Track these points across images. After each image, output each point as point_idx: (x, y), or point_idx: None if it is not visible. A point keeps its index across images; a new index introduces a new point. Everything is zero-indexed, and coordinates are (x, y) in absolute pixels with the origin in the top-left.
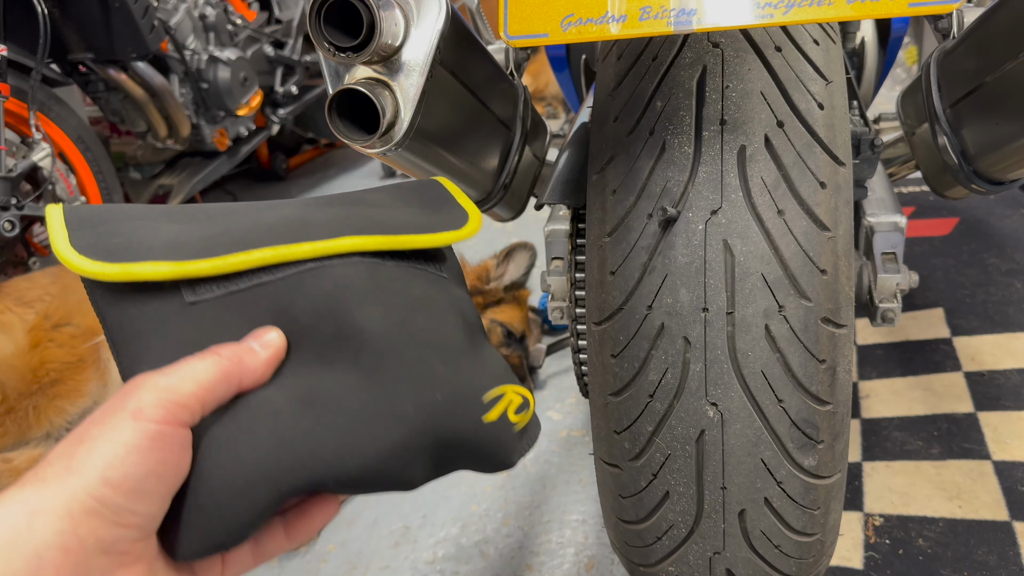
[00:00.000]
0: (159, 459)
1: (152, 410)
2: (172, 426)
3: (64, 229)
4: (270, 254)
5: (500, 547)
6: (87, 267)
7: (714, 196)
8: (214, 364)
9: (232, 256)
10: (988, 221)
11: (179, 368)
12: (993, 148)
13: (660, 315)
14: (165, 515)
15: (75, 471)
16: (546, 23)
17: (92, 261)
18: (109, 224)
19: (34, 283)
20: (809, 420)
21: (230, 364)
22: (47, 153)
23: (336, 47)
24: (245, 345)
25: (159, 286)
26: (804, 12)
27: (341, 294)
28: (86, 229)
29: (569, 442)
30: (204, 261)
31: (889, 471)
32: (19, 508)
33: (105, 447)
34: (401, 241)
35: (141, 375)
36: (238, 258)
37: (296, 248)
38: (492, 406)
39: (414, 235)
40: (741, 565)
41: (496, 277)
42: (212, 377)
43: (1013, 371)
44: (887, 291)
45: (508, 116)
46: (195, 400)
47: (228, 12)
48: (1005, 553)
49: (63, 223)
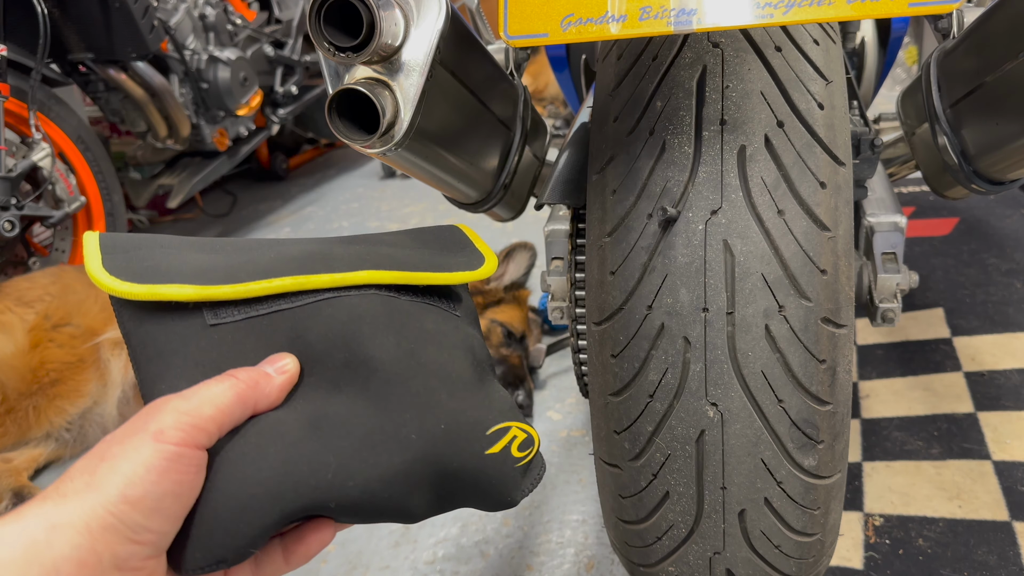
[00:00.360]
0: (177, 479)
1: (172, 432)
2: (191, 448)
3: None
4: (290, 282)
5: (500, 547)
6: (116, 286)
7: (714, 196)
8: (231, 388)
9: (254, 283)
10: (988, 221)
11: (198, 391)
12: (993, 148)
13: (660, 315)
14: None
15: (96, 487)
16: (546, 23)
17: (121, 281)
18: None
19: (34, 283)
20: (809, 420)
21: (246, 388)
22: (47, 153)
23: (336, 47)
24: (261, 370)
25: (182, 307)
26: (804, 12)
27: (355, 323)
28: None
29: (569, 442)
30: (227, 287)
31: (889, 471)
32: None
33: (126, 466)
34: (417, 277)
35: (163, 398)
36: (260, 285)
37: (316, 278)
38: (496, 440)
39: (429, 272)
40: (741, 565)
41: (496, 277)
42: (229, 401)
43: (1013, 371)
44: (887, 291)
45: (508, 116)
46: (213, 423)
47: (228, 12)
48: (1005, 553)
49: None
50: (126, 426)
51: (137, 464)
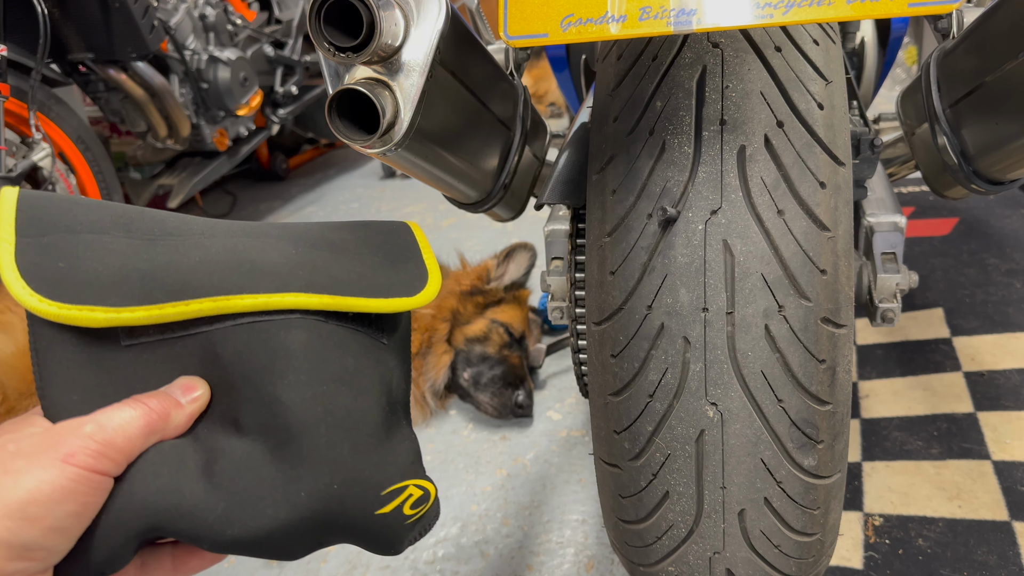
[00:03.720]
0: (82, 502)
1: (82, 457)
2: (97, 474)
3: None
4: (208, 305)
5: (500, 547)
6: (27, 300)
7: (714, 196)
8: (143, 417)
9: (170, 306)
10: (988, 221)
11: (111, 417)
12: (993, 148)
13: (660, 315)
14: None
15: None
16: (546, 23)
17: (32, 293)
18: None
19: None
20: (809, 420)
21: (158, 419)
22: (47, 153)
23: (336, 47)
24: (172, 399)
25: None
26: (804, 12)
27: (269, 357)
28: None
29: (569, 442)
30: (141, 310)
31: (889, 471)
32: None
33: (30, 482)
34: (347, 304)
35: (77, 420)
36: (176, 308)
37: (236, 301)
38: (390, 500)
39: (362, 299)
40: (741, 565)
41: (496, 277)
42: (139, 430)
43: (1013, 371)
44: (887, 291)
45: (508, 116)
46: (122, 454)
47: (228, 12)
48: (1005, 553)
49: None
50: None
51: (43, 483)
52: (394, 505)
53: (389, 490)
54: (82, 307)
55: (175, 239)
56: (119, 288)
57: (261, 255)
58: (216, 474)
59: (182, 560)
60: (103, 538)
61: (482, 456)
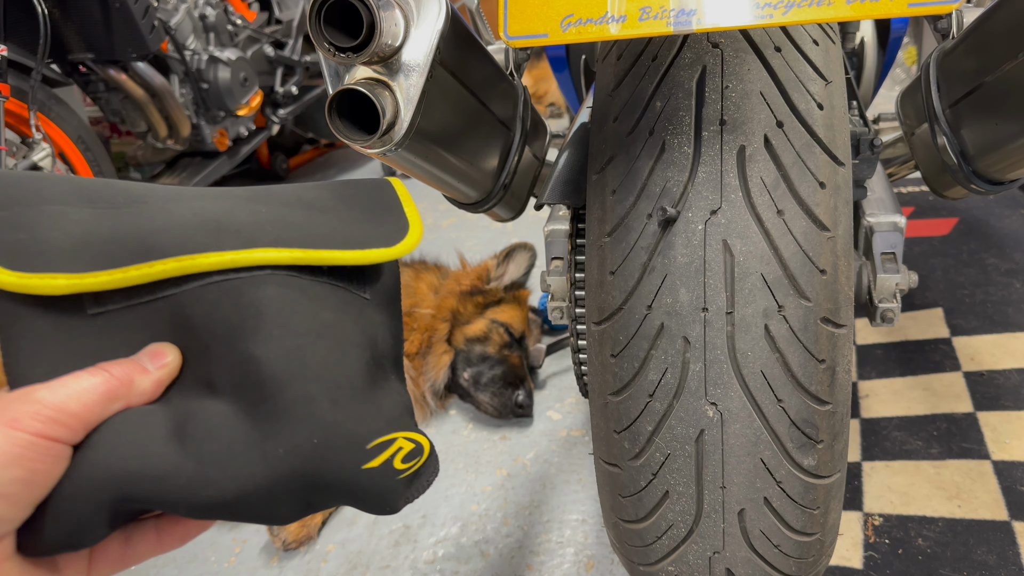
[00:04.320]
0: (30, 468)
1: (28, 422)
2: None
3: None
4: (172, 266)
5: (500, 547)
6: None
7: (714, 196)
8: (102, 383)
9: (133, 268)
10: (988, 221)
11: (67, 384)
12: (992, 148)
13: (660, 315)
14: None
15: None
16: (546, 23)
17: None
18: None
19: None
20: (808, 420)
21: (118, 385)
22: (47, 153)
23: (336, 47)
24: (137, 364)
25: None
26: (804, 12)
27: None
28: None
29: (569, 442)
30: (104, 274)
31: (888, 471)
32: None
33: None
34: (320, 256)
35: (30, 387)
36: (140, 270)
37: (200, 259)
38: (377, 454)
39: (336, 251)
40: (741, 565)
41: (496, 277)
42: (97, 397)
43: (1012, 371)
44: (886, 291)
45: (508, 116)
46: (76, 420)
47: (228, 12)
48: (1004, 553)
49: None
50: None
51: None
52: (383, 459)
53: (376, 443)
54: (43, 275)
55: (140, 206)
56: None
57: (228, 215)
58: (188, 436)
59: (166, 531)
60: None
61: (482, 456)
